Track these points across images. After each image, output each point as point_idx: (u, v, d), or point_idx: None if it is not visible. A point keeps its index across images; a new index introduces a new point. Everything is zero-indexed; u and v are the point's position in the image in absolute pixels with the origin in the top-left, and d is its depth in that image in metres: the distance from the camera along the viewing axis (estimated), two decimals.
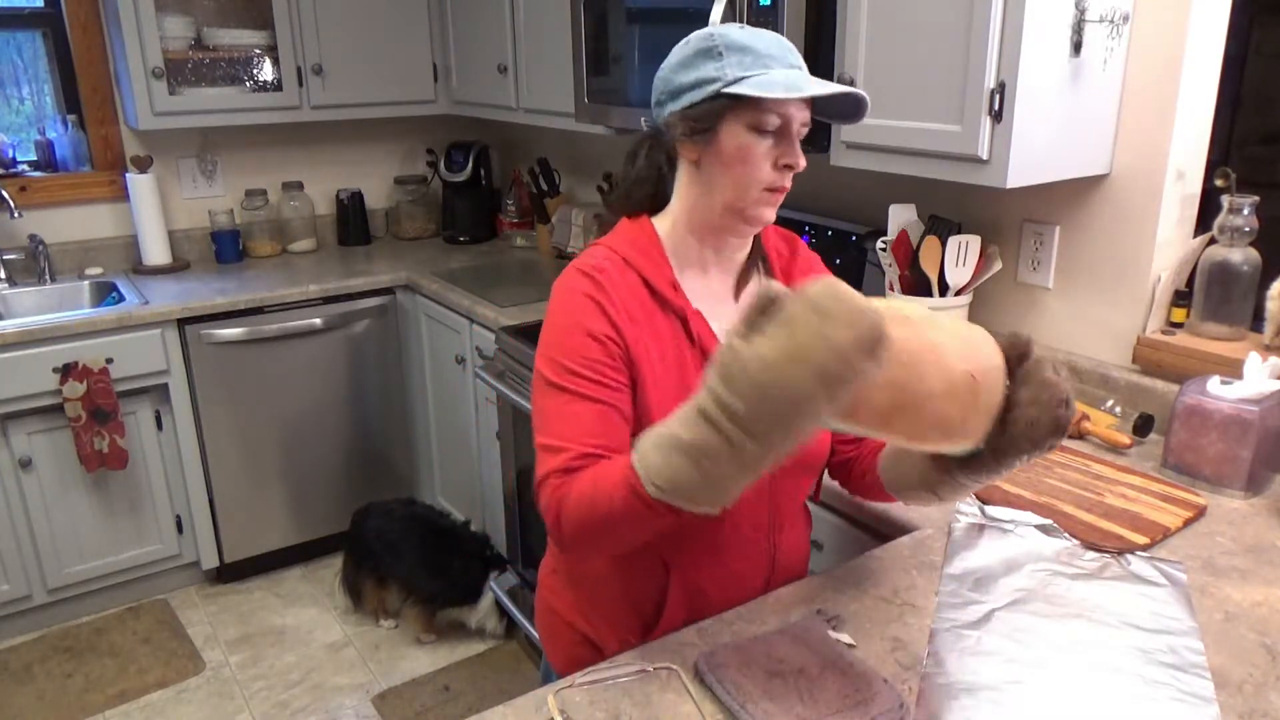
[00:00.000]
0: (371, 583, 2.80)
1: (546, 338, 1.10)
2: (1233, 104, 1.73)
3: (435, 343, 3.00)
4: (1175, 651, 1.04)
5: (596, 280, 1.09)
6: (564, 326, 1.08)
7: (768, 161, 1.08)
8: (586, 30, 2.29)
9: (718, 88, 1.05)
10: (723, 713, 0.97)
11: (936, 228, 1.85)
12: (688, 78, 1.07)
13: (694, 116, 1.07)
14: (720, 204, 1.11)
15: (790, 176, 1.11)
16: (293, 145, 3.43)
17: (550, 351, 1.08)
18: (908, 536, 1.32)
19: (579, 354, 1.06)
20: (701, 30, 1.10)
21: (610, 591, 1.19)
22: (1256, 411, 1.37)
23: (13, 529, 2.66)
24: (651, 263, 1.13)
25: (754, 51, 1.05)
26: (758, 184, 1.09)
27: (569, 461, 1.02)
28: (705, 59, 1.06)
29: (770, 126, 1.06)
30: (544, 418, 1.06)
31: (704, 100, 1.06)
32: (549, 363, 1.07)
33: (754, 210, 1.11)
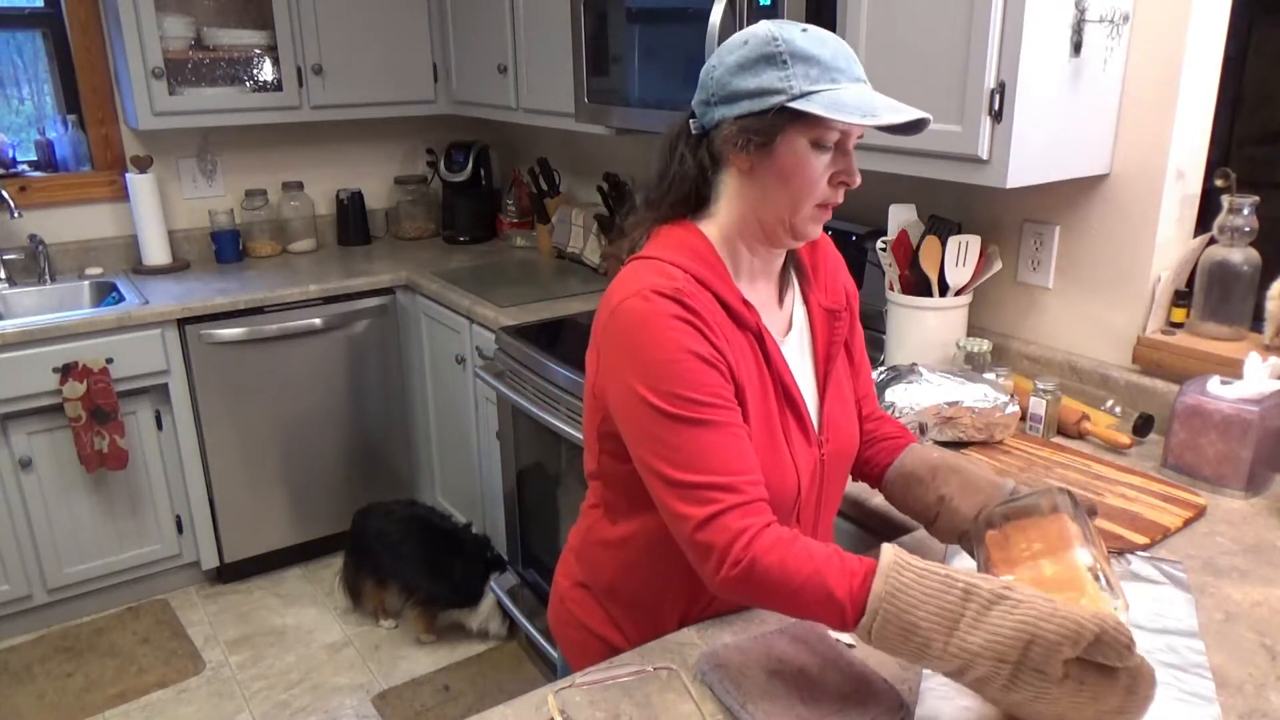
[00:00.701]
0: (372, 583, 2.80)
1: (646, 369, 1.01)
2: (1233, 104, 1.73)
3: (435, 343, 3.00)
4: (1176, 651, 1.04)
5: (683, 302, 1.02)
6: (666, 355, 1.00)
7: (824, 178, 1.04)
8: (586, 30, 2.29)
9: (782, 101, 0.99)
10: (723, 713, 0.97)
11: (936, 228, 1.85)
12: (748, 84, 1.01)
13: (752, 128, 1.01)
14: (771, 218, 1.07)
15: (844, 192, 1.07)
16: (293, 145, 3.43)
17: (659, 383, 0.99)
18: (908, 537, 1.32)
19: (697, 381, 1.00)
20: (760, 29, 1.02)
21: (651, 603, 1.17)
22: (1256, 411, 1.37)
23: (13, 529, 2.66)
24: (721, 280, 1.07)
25: (821, 63, 0.99)
26: (812, 200, 1.05)
27: (736, 499, 0.97)
28: (768, 66, 1.00)
29: (831, 142, 1.03)
30: (675, 453, 0.98)
31: (765, 111, 1.00)
32: (659, 393, 0.99)
33: (804, 226, 1.07)
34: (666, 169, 1.11)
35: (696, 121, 1.08)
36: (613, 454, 1.12)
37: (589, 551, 1.23)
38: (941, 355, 1.83)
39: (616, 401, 1.05)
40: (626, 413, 1.03)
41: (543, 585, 2.51)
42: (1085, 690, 0.81)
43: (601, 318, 1.07)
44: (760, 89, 1.00)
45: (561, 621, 1.28)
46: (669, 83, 2.11)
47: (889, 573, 0.88)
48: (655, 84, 2.14)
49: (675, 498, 0.99)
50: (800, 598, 0.93)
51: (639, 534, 1.15)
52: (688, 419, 0.99)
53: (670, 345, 1.00)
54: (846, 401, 1.20)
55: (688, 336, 1.01)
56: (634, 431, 1.03)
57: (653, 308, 1.01)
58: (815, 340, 1.18)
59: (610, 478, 1.16)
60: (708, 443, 0.99)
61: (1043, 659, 0.81)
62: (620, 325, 1.03)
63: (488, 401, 2.67)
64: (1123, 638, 0.80)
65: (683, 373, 1.00)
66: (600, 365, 1.08)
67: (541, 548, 2.50)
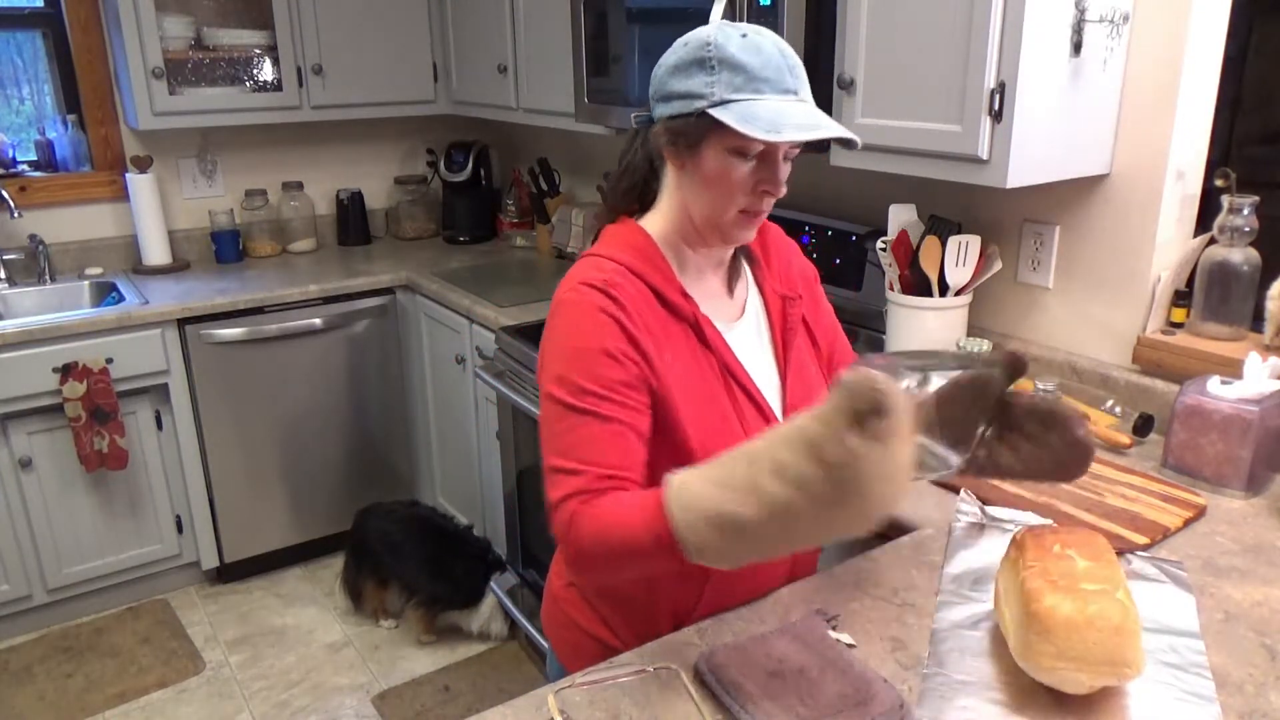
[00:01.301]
0: (373, 584, 2.80)
1: (558, 356, 1.05)
2: (1233, 104, 1.73)
3: (435, 343, 3.00)
4: (1176, 651, 1.04)
5: (611, 295, 1.05)
6: (580, 345, 1.04)
7: (747, 185, 1.06)
8: (586, 30, 2.29)
9: (702, 107, 1.01)
10: (722, 713, 0.97)
11: (936, 228, 1.85)
12: (679, 86, 1.03)
13: (678, 130, 1.04)
14: (700, 218, 1.10)
15: (770, 201, 1.08)
16: (293, 145, 3.43)
17: (564, 371, 1.04)
18: (908, 536, 1.32)
19: (597, 374, 1.03)
20: (704, 31, 1.04)
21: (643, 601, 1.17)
22: (1256, 411, 1.37)
23: (13, 529, 2.66)
24: (658, 271, 1.11)
25: (748, 71, 1.00)
26: (734, 206, 1.07)
27: (589, 484, 1.00)
28: (698, 69, 1.02)
29: (753, 152, 1.04)
30: (559, 439, 1.03)
31: (688, 115, 1.02)
32: (562, 382, 1.03)
33: (731, 230, 1.10)
34: (622, 159, 1.16)
35: (643, 116, 1.11)
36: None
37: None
38: None
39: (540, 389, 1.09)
40: (542, 399, 1.07)
41: (542, 585, 2.51)
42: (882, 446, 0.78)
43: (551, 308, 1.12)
44: (687, 92, 1.03)
45: (555, 622, 1.29)
46: None
47: (675, 495, 0.90)
48: None
49: (548, 481, 1.03)
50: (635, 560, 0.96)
51: None
52: (576, 408, 1.02)
53: (582, 335, 1.04)
54: (811, 384, 1.22)
55: (604, 330, 1.04)
56: (541, 418, 1.07)
57: (579, 298, 1.06)
58: (772, 325, 1.21)
59: None
60: (586, 433, 1.02)
61: (835, 450, 0.79)
62: (552, 318, 1.08)
63: (488, 401, 2.67)
64: (866, 383, 0.77)
65: (586, 364, 1.03)
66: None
67: (541, 548, 2.50)
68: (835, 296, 2.17)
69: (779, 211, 2.31)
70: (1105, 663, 0.91)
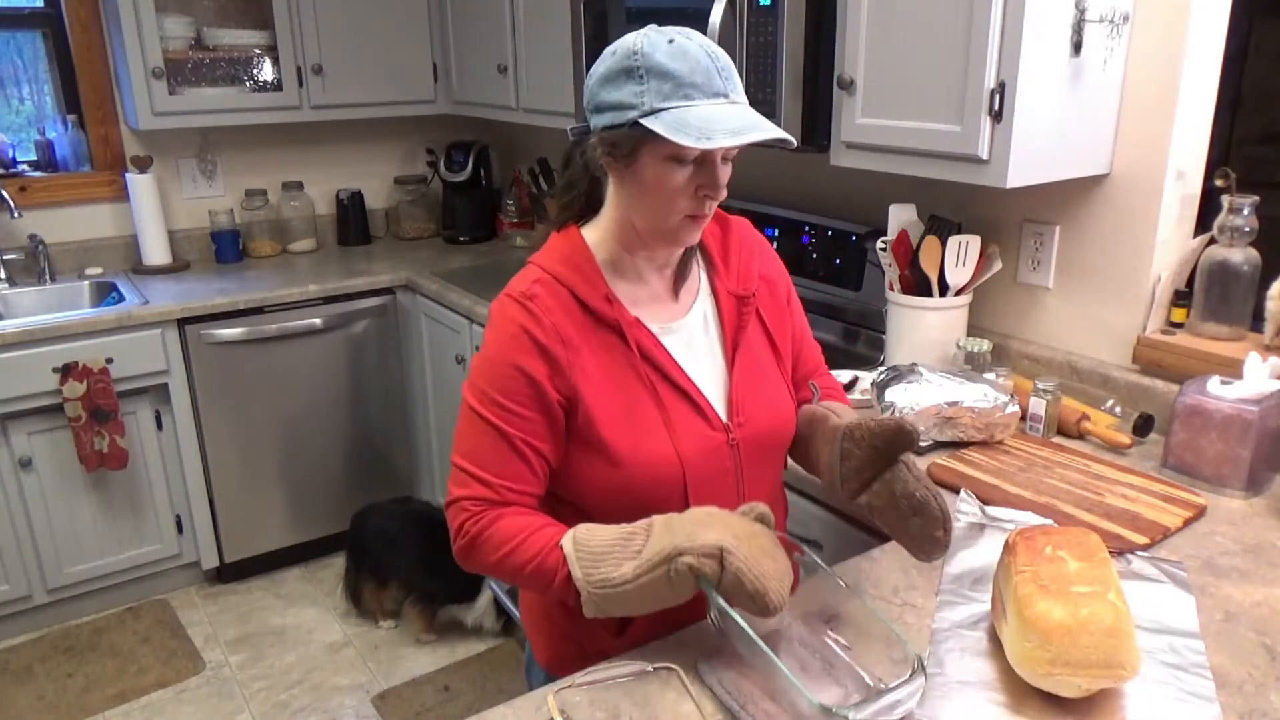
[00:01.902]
0: (372, 584, 2.80)
1: (479, 364, 1.12)
2: (1233, 104, 1.73)
3: (435, 343, 3.00)
4: (1176, 651, 1.04)
5: (528, 308, 1.09)
6: (494, 358, 1.10)
7: (687, 190, 1.06)
8: (586, 30, 2.29)
9: (634, 117, 1.01)
10: (722, 713, 0.97)
11: (936, 228, 1.85)
12: (610, 96, 1.04)
13: (612, 140, 1.05)
14: (643, 224, 1.11)
15: (712, 204, 1.09)
16: (293, 145, 3.43)
17: (479, 379, 1.11)
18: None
19: (505, 387, 1.09)
20: (631, 40, 1.04)
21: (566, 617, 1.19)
22: (1256, 411, 1.37)
23: (13, 529, 2.66)
24: (584, 278, 1.12)
25: (675, 78, 1.00)
26: (677, 212, 1.08)
27: (489, 494, 1.09)
28: (627, 79, 1.02)
29: (690, 157, 1.04)
30: (466, 440, 1.12)
31: (621, 125, 1.03)
32: (475, 390, 1.11)
33: (677, 233, 1.11)
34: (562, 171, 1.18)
35: (580, 127, 1.12)
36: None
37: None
38: (941, 355, 1.83)
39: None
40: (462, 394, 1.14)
41: None
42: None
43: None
44: (618, 103, 1.03)
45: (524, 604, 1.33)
46: None
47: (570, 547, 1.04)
48: None
49: (451, 475, 1.12)
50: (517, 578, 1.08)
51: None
52: (484, 417, 1.09)
53: (498, 350, 1.10)
54: (762, 383, 1.21)
55: (516, 346, 1.09)
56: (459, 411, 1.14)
57: (500, 310, 1.12)
58: (723, 325, 1.20)
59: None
60: (488, 441, 1.09)
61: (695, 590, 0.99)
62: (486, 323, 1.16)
63: None
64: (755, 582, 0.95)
65: (499, 376, 1.09)
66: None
67: None
68: (835, 296, 2.18)
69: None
70: (1100, 665, 0.91)
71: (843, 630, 1.09)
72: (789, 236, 2.27)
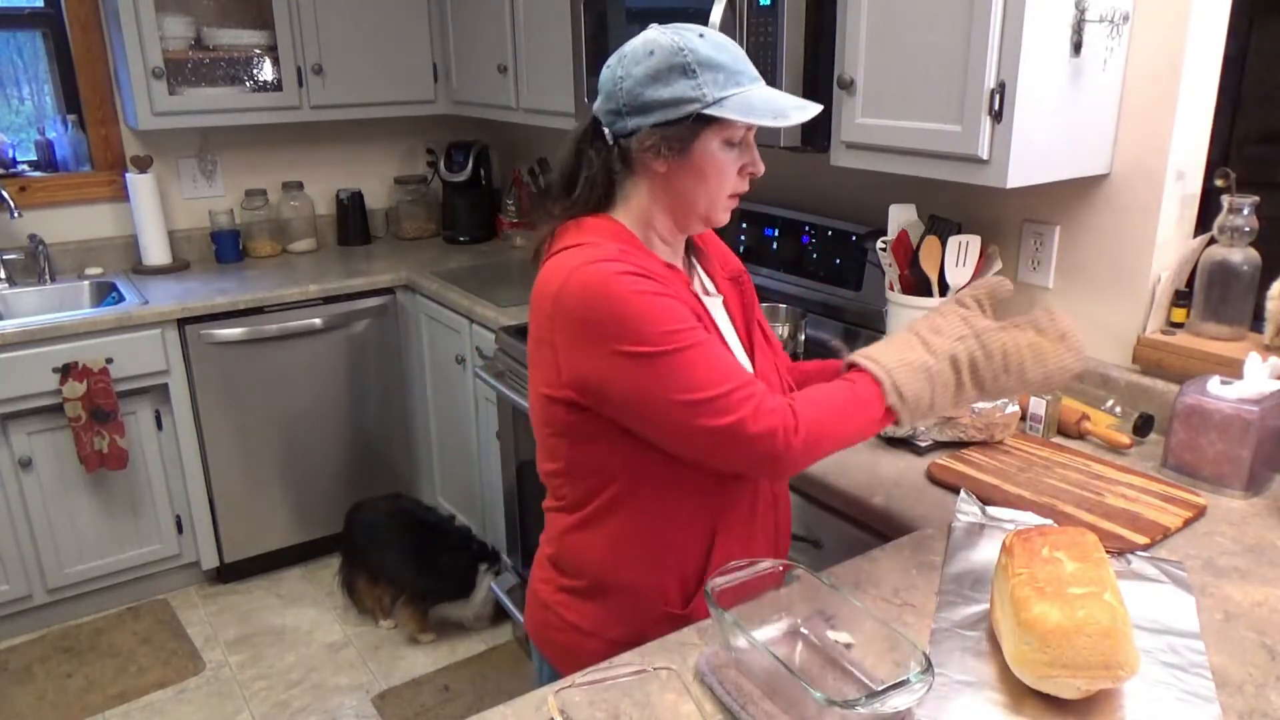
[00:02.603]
0: (365, 580, 2.80)
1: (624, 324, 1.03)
2: (1233, 104, 1.73)
3: (435, 343, 3.00)
4: (1176, 651, 1.04)
5: (625, 262, 1.06)
6: (636, 304, 1.03)
7: (734, 171, 1.13)
8: (586, 30, 2.29)
9: (697, 109, 1.06)
10: (722, 713, 0.97)
11: (936, 228, 1.85)
12: (661, 94, 1.06)
13: (670, 136, 1.08)
14: (686, 210, 1.15)
15: (749, 181, 1.16)
16: (293, 145, 3.43)
17: (644, 329, 1.02)
18: (908, 536, 1.32)
19: (669, 314, 1.04)
20: (664, 39, 1.08)
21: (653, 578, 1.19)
22: (1256, 411, 1.37)
23: (13, 529, 2.66)
24: (645, 255, 1.14)
25: (725, 68, 1.07)
26: (726, 192, 1.14)
27: (763, 386, 1.05)
28: (679, 76, 1.06)
29: (739, 139, 1.11)
30: (696, 376, 1.02)
31: (681, 119, 1.06)
32: (650, 339, 1.02)
33: (717, 215, 1.16)
34: (575, 173, 1.17)
35: (608, 130, 1.13)
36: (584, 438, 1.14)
37: (566, 552, 1.24)
38: None
39: (602, 375, 1.06)
40: (621, 377, 1.05)
41: None
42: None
43: (544, 309, 1.10)
44: (674, 98, 1.06)
45: (549, 627, 1.27)
46: None
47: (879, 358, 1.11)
48: None
49: (712, 414, 1.02)
50: (839, 416, 1.08)
51: (618, 516, 1.17)
52: (683, 347, 1.03)
53: (630, 295, 1.04)
54: (774, 361, 1.27)
55: (640, 283, 1.05)
56: (637, 390, 1.05)
57: (598, 272, 1.05)
58: (729, 307, 1.26)
59: (579, 466, 1.18)
60: (711, 356, 1.04)
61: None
62: (573, 305, 1.06)
63: (488, 401, 2.67)
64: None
65: (654, 313, 1.04)
66: (561, 356, 1.10)
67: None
68: (835, 296, 2.18)
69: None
70: (1098, 666, 0.91)
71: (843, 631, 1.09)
72: (789, 236, 2.27)
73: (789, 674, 0.89)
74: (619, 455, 1.13)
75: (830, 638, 1.06)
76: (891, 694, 0.88)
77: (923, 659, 0.90)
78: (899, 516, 1.39)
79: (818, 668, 1.01)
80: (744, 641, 0.96)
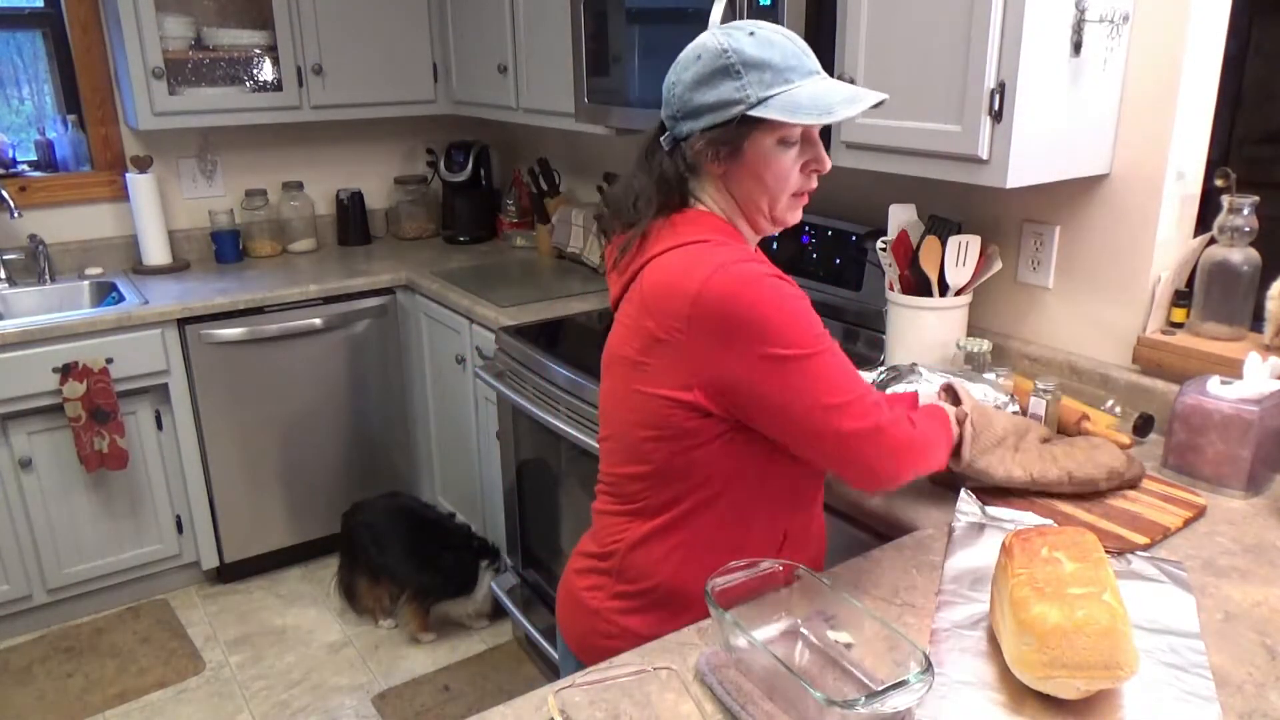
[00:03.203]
0: (366, 581, 2.79)
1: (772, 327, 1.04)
2: (1233, 104, 1.73)
3: (435, 343, 3.00)
4: (1177, 651, 1.04)
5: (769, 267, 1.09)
6: (794, 307, 1.06)
7: (795, 169, 1.10)
8: (586, 30, 2.29)
9: (741, 111, 1.05)
10: (723, 713, 0.97)
11: (936, 227, 1.85)
12: (707, 98, 1.06)
13: (719, 139, 1.07)
14: (753, 211, 1.14)
15: (816, 178, 1.14)
16: (293, 145, 3.43)
17: (792, 333, 1.05)
18: (908, 536, 1.32)
19: (812, 318, 1.07)
20: (711, 41, 1.07)
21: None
22: (1256, 411, 1.37)
23: (13, 529, 2.66)
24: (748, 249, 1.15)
25: (772, 66, 1.05)
26: (787, 191, 1.12)
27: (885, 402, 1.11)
28: (723, 78, 1.05)
29: (796, 137, 1.08)
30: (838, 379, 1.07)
31: (728, 122, 1.06)
32: (798, 342, 1.05)
33: (784, 214, 1.15)
34: (649, 177, 1.16)
35: (667, 135, 1.13)
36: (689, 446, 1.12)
37: (634, 559, 1.20)
38: (941, 355, 1.83)
39: (747, 377, 1.06)
40: (768, 379, 1.06)
41: (543, 585, 2.51)
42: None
43: (678, 311, 1.07)
44: (720, 101, 1.06)
45: (595, 634, 1.24)
46: None
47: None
48: (655, 84, 2.12)
49: (852, 417, 1.06)
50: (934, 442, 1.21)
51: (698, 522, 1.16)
52: (825, 350, 1.06)
53: (780, 299, 1.05)
54: None
55: (783, 286, 1.06)
56: (784, 392, 1.06)
57: (744, 274, 1.05)
58: None
59: (672, 472, 1.15)
60: (844, 360, 1.09)
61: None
62: (718, 306, 1.05)
63: (488, 401, 2.67)
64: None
65: (801, 316, 1.06)
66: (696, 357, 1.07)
67: (542, 548, 2.50)
68: (835, 296, 2.18)
69: None
70: (1098, 666, 0.91)
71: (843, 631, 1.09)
72: (789, 236, 2.27)
73: (789, 674, 0.89)
74: (721, 460, 1.13)
75: (830, 638, 1.06)
76: (891, 694, 0.88)
77: (923, 659, 0.90)
78: (899, 516, 1.39)
79: (818, 668, 1.01)
80: (744, 641, 0.96)
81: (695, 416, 1.10)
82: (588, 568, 1.27)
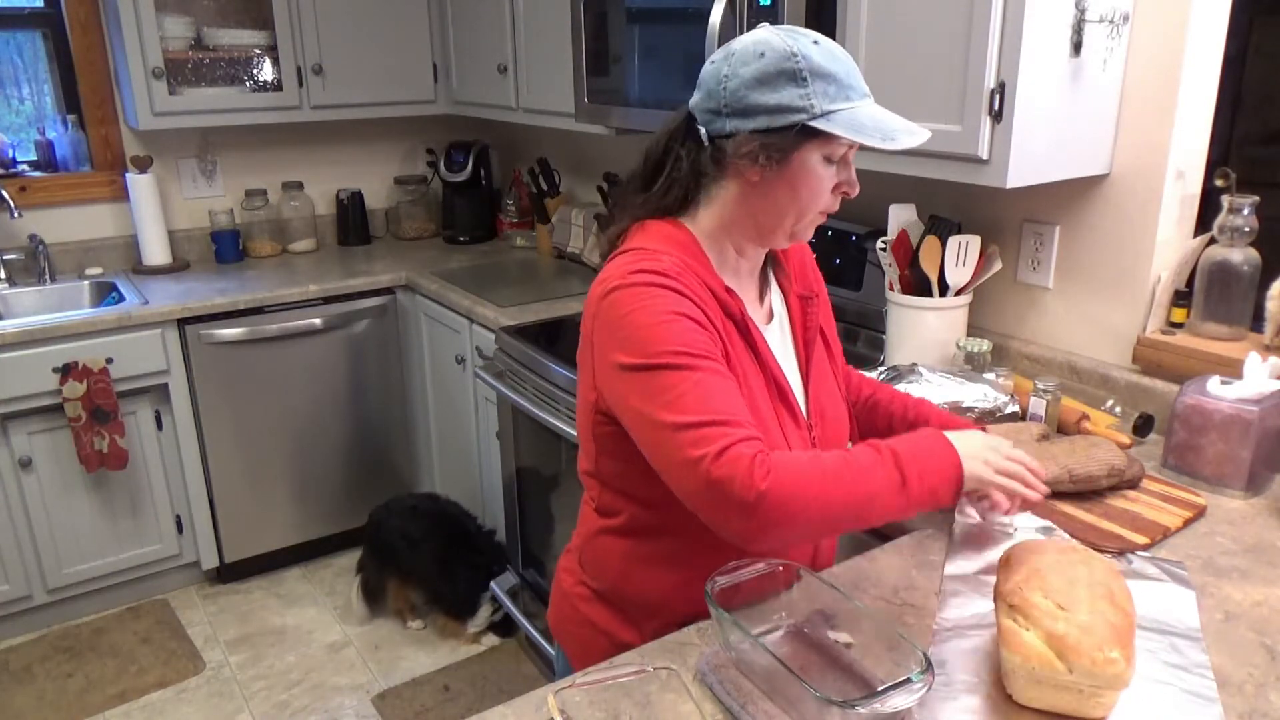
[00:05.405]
0: (395, 582, 2.77)
1: (635, 335, 1.00)
2: (1233, 104, 1.73)
3: (435, 343, 3.00)
4: (1178, 651, 1.04)
5: (670, 278, 1.03)
6: (658, 319, 1.00)
7: (829, 188, 1.08)
8: (586, 30, 2.29)
9: (803, 120, 1.00)
10: (723, 713, 0.97)
11: (936, 228, 1.85)
12: (767, 99, 1.01)
13: (771, 144, 1.03)
14: (772, 223, 1.09)
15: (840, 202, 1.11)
16: (293, 145, 3.43)
17: (651, 345, 0.99)
18: (908, 536, 1.32)
19: (687, 339, 1.00)
20: (775, 42, 1.01)
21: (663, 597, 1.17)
22: (1256, 411, 1.37)
23: (13, 529, 2.66)
24: (706, 270, 1.09)
25: (837, 80, 1.01)
26: (817, 209, 1.09)
27: (750, 432, 0.97)
28: (788, 82, 1.00)
29: (839, 156, 1.06)
30: (681, 398, 0.97)
31: (786, 128, 1.01)
32: (654, 354, 0.99)
33: (803, 231, 1.12)
34: (659, 169, 1.12)
35: (704, 129, 1.07)
36: (611, 451, 1.13)
37: (591, 551, 1.24)
38: (941, 355, 1.83)
39: (607, 382, 1.05)
40: (619, 388, 1.03)
41: (543, 585, 2.51)
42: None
43: (591, 310, 1.08)
44: (780, 105, 1.01)
45: (566, 619, 1.28)
46: (669, 83, 2.11)
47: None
48: (655, 84, 2.14)
49: (684, 444, 0.96)
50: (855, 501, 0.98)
51: (645, 534, 1.16)
52: (680, 365, 0.98)
53: (656, 310, 1.01)
54: (831, 385, 1.24)
55: (674, 301, 1.02)
56: (628, 401, 1.02)
57: (638, 283, 1.03)
58: (794, 327, 1.22)
59: (607, 475, 1.17)
60: (707, 386, 0.98)
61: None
62: (608, 309, 1.04)
63: (488, 401, 2.67)
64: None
65: (673, 332, 1.00)
66: (594, 356, 1.08)
67: (541, 547, 2.50)
68: (835, 296, 2.17)
69: None
70: (1089, 685, 0.91)
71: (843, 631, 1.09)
72: None
73: (789, 674, 0.89)
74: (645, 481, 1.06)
75: (830, 638, 1.06)
76: (891, 694, 0.88)
77: (923, 659, 0.90)
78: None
79: (818, 668, 1.01)
80: (744, 641, 0.96)
81: (604, 421, 1.10)
82: (567, 551, 1.30)
